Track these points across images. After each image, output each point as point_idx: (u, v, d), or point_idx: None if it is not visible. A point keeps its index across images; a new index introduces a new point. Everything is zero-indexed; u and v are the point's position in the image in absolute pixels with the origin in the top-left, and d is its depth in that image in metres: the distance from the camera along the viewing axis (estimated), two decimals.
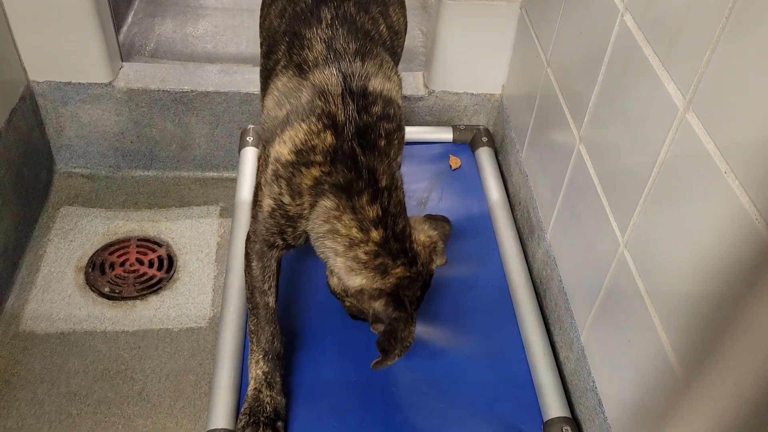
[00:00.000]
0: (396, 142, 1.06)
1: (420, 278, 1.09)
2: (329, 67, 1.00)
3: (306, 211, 1.03)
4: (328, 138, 0.98)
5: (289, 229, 1.07)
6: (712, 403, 0.80)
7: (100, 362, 1.49)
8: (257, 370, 1.17)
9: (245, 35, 2.22)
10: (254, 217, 1.10)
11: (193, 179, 1.94)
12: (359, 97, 1.00)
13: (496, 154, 1.75)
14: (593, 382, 1.14)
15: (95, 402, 1.42)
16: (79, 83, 1.74)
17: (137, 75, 1.79)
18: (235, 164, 1.86)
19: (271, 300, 1.18)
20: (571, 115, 1.28)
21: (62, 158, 1.89)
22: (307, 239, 1.10)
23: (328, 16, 1.05)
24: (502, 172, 1.71)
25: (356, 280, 1.04)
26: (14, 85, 1.67)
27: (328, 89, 0.99)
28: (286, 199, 1.03)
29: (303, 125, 0.98)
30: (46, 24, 1.62)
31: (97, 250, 1.72)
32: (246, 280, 1.18)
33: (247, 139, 1.69)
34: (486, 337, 1.34)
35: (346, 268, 1.04)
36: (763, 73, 0.71)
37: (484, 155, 1.72)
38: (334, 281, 1.28)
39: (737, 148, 0.76)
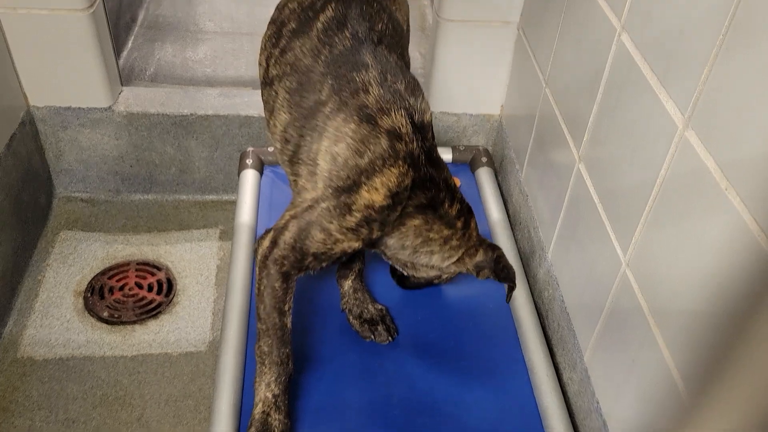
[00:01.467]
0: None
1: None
2: (397, 109, 1.06)
3: (386, 236, 1.12)
4: (412, 174, 1.06)
5: (346, 253, 1.12)
6: (718, 423, 0.79)
7: (99, 388, 1.47)
8: (267, 392, 1.15)
9: (245, 59, 2.23)
10: (293, 248, 1.10)
11: (193, 202, 1.94)
12: (423, 130, 1.09)
13: (496, 175, 1.75)
14: (597, 403, 1.12)
15: (94, 429, 1.40)
16: (79, 108, 1.74)
17: (137, 99, 1.80)
18: (234, 187, 1.85)
19: (288, 321, 1.16)
20: (570, 134, 1.28)
21: (61, 183, 1.89)
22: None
23: (370, 60, 1.11)
24: (502, 193, 1.71)
25: (456, 256, 1.15)
26: (14, 111, 1.68)
27: (401, 131, 1.05)
28: (376, 234, 1.09)
29: (393, 170, 1.03)
30: (47, 50, 1.63)
31: (96, 275, 1.71)
32: (264, 301, 1.16)
33: (247, 161, 1.69)
34: (488, 358, 1.33)
35: (442, 258, 1.15)
36: (760, 89, 0.72)
37: (484, 175, 1.72)
38: (412, 273, 1.31)
39: (737, 164, 0.76)
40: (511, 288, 1.20)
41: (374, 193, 1.04)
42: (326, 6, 1.16)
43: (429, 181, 1.09)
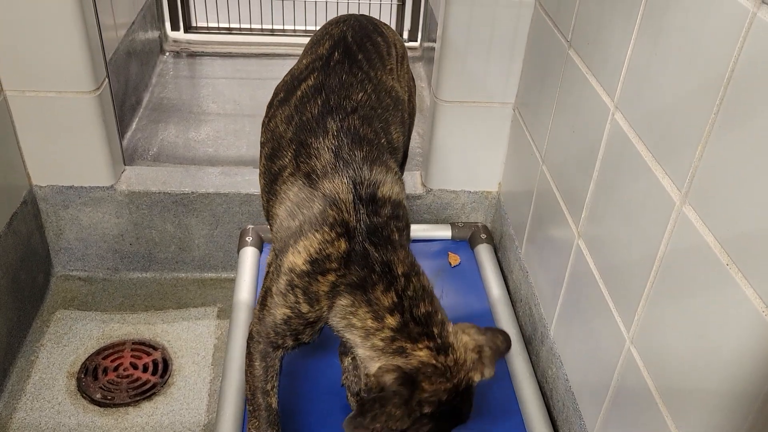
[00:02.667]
0: (404, 236, 1.09)
1: (449, 377, 0.98)
2: (339, 175, 1.04)
3: (325, 313, 1.03)
4: (342, 245, 1.00)
5: (308, 330, 1.06)
6: None
7: None
8: None
9: (246, 139, 2.28)
10: (260, 320, 1.08)
11: (192, 280, 1.92)
12: (369, 203, 1.03)
13: (496, 251, 1.75)
14: None
15: None
16: (81, 187, 1.76)
17: (139, 178, 1.82)
18: (233, 265, 1.85)
19: (274, 401, 1.14)
20: (568, 210, 1.29)
21: (60, 261, 1.88)
22: (322, 332, 1.09)
23: (334, 128, 1.09)
24: (502, 269, 1.71)
25: (374, 365, 0.99)
26: (17, 190, 1.70)
27: (339, 197, 1.02)
28: (305, 308, 1.03)
29: (317, 235, 1.00)
30: (52, 130, 1.67)
31: (91, 355, 1.68)
32: (247, 380, 1.15)
33: (247, 239, 1.69)
34: None
35: (366, 357, 1.01)
36: (756, 163, 0.73)
37: (484, 252, 1.72)
38: (345, 374, 1.24)
39: (737, 239, 0.76)
40: (356, 415, 0.91)
41: (296, 256, 1.01)
42: (309, 75, 1.19)
43: (364, 258, 1.00)
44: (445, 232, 1.78)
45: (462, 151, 1.77)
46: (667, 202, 0.90)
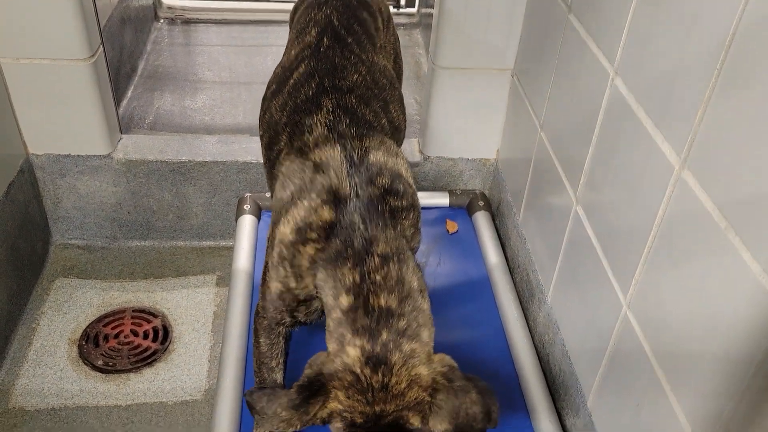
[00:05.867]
0: (407, 221, 1.00)
1: (370, 400, 0.84)
2: (331, 144, 0.99)
3: (314, 291, 0.98)
4: (326, 213, 0.94)
5: (301, 308, 1.03)
6: None
7: None
8: None
9: (242, 107, 2.26)
10: (263, 295, 1.08)
11: (190, 249, 1.93)
12: (363, 168, 0.96)
13: (493, 218, 1.76)
14: None
15: None
16: (78, 155, 1.75)
17: (136, 146, 1.81)
18: (232, 233, 1.85)
19: (279, 376, 1.15)
20: (566, 177, 1.29)
21: (59, 230, 1.88)
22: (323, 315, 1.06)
23: (330, 105, 1.05)
24: (499, 236, 1.71)
25: (327, 347, 0.91)
26: (13, 159, 1.69)
27: (330, 164, 0.97)
28: (292, 283, 0.99)
29: (304, 202, 0.96)
30: (48, 98, 1.65)
31: (92, 322, 1.69)
32: (254, 355, 1.15)
33: (245, 207, 1.69)
34: None
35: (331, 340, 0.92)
36: (755, 127, 0.73)
37: (481, 219, 1.72)
38: None
39: (735, 203, 0.76)
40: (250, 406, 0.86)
41: (285, 226, 0.97)
42: (300, 64, 1.17)
43: (348, 232, 0.91)
44: (442, 200, 1.78)
45: (460, 118, 1.76)
46: (667, 168, 0.90)
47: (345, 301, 0.88)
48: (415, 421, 0.85)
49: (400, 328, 0.87)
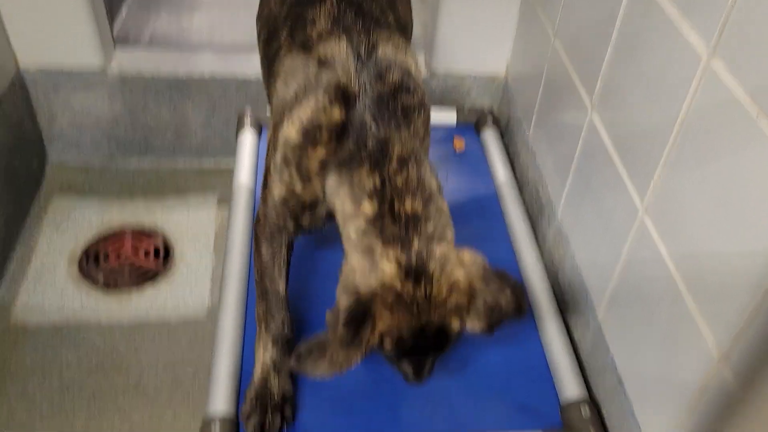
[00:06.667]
0: (419, 121, 0.95)
1: (416, 314, 0.83)
2: (337, 38, 0.93)
3: (321, 195, 0.94)
4: (336, 114, 0.89)
5: (306, 213, 0.98)
6: (749, 370, 0.74)
7: (95, 355, 1.43)
8: (265, 355, 1.11)
9: (241, 27, 2.17)
10: (264, 200, 1.03)
11: (190, 168, 1.88)
12: (372, 64, 0.90)
13: (502, 136, 1.70)
14: (612, 360, 1.08)
15: (89, 395, 1.36)
16: (71, 71, 1.69)
17: (131, 61, 1.74)
18: (232, 153, 1.80)
19: (281, 286, 1.11)
20: (582, 84, 1.22)
21: (54, 148, 1.83)
22: (328, 222, 1.01)
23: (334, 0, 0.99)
24: (508, 153, 1.66)
25: (349, 263, 0.87)
26: (4, 72, 1.62)
27: (335, 59, 0.91)
28: (298, 187, 0.94)
29: (311, 101, 0.90)
30: (37, 9, 1.57)
31: (91, 241, 1.66)
32: (255, 265, 1.12)
33: (245, 123, 1.63)
34: None
35: (344, 250, 0.89)
36: None
37: (490, 136, 1.67)
38: None
39: None
40: (295, 359, 0.85)
41: (290, 127, 0.91)
42: None
43: (360, 132, 0.87)
44: (450, 117, 1.72)
45: (468, 33, 1.68)
46: (693, 58, 0.84)
47: (368, 207, 0.85)
48: (456, 324, 0.86)
49: (429, 232, 0.85)
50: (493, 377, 1.17)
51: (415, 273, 0.83)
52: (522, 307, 0.90)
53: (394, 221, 0.84)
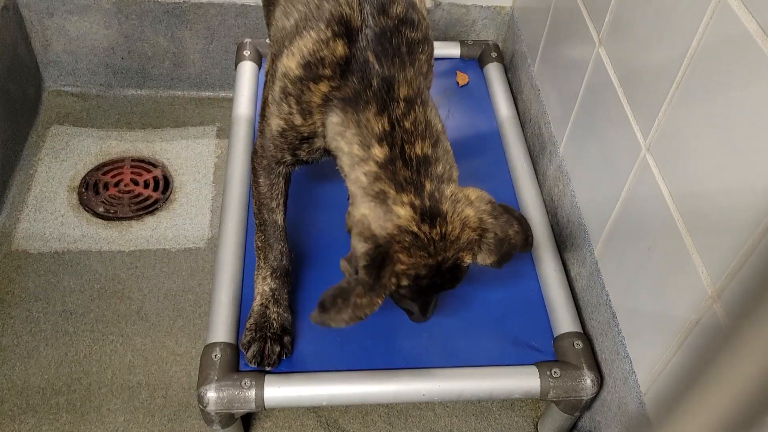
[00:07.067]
0: (423, 57, 0.93)
1: (432, 252, 0.85)
2: None
3: (320, 129, 0.94)
4: (339, 48, 0.87)
5: (304, 146, 0.98)
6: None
7: (97, 281, 1.45)
8: (264, 286, 1.13)
9: None
10: (261, 131, 1.02)
11: (188, 99, 1.86)
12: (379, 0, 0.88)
13: (506, 71, 1.67)
14: (607, 296, 1.09)
15: (92, 320, 1.38)
16: None
17: None
18: (231, 83, 1.77)
19: (279, 217, 1.12)
20: (590, 17, 1.19)
21: (50, 75, 1.80)
22: (325, 155, 1.01)
23: None
24: (512, 89, 1.64)
25: (359, 209, 0.87)
26: None
27: None
28: (297, 120, 0.93)
29: (312, 33, 0.88)
30: None
31: (90, 170, 1.65)
32: (253, 196, 1.12)
33: (244, 53, 1.60)
34: None
35: (351, 192, 0.90)
36: None
37: (493, 71, 1.64)
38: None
39: None
40: (320, 314, 0.85)
41: (290, 59, 0.90)
42: None
43: (364, 69, 0.86)
44: (453, 50, 1.69)
45: None
46: None
47: (379, 152, 0.85)
48: (468, 259, 0.89)
49: (439, 173, 0.87)
50: (489, 312, 1.19)
51: (430, 214, 0.85)
52: (529, 238, 0.93)
53: (405, 165, 0.85)
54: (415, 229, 0.84)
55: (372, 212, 0.86)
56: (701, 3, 0.83)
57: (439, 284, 0.90)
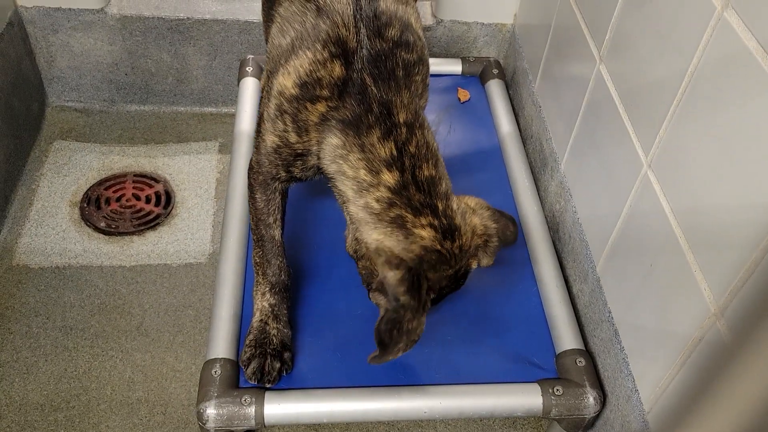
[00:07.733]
0: (419, 77, 0.95)
1: (452, 263, 0.89)
2: None
3: (315, 147, 0.94)
4: (337, 69, 0.88)
5: (298, 163, 0.98)
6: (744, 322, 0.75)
7: (97, 297, 1.45)
8: (263, 302, 1.12)
9: None
10: (257, 148, 1.03)
11: (191, 114, 1.87)
12: (372, 18, 0.89)
13: (507, 87, 1.68)
14: (609, 312, 1.09)
15: (92, 336, 1.38)
16: (70, 9, 1.65)
17: (130, 1, 1.70)
18: (234, 99, 1.79)
19: (277, 233, 1.12)
20: (591, 34, 1.20)
21: (54, 91, 1.81)
22: (318, 173, 1.02)
23: None
24: (513, 105, 1.64)
25: (372, 235, 0.89)
26: (1, 9, 1.59)
27: (335, 9, 0.89)
28: (293, 137, 0.94)
29: (308, 53, 0.88)
30: None
31: (92, 185, 1.66)
32: (250, 212, 1.12)
33: (247, 69, 1.61)
34: (497, 271, 1.29)
35: (360, 219, 0.90)
36: None
37: (495, 88, 1.64)
38: (349, 239, 1.20)
39: None
40: (382, 354, 0.88)
41: (286, 78, 0.90)
42: None
43: (361, 92, 0.87)
44: (455, 67, 1.69)
45: None
46: (707, 8, 0.82)
47: (390, 177, 0.87)
48: (474, 264, 0.95)
49: (444, 191, 0.90)
50: (491, 329, 1.19)
51: (449, 231, 0.89)
52: (516, 236, 1.03)
53: (418, 189, 0.87)
54: (439, 247, 0.88)
55: (388, 237, 0.88)
56: (701, 20, 0.83)
57: (453, 289, 0.95)
